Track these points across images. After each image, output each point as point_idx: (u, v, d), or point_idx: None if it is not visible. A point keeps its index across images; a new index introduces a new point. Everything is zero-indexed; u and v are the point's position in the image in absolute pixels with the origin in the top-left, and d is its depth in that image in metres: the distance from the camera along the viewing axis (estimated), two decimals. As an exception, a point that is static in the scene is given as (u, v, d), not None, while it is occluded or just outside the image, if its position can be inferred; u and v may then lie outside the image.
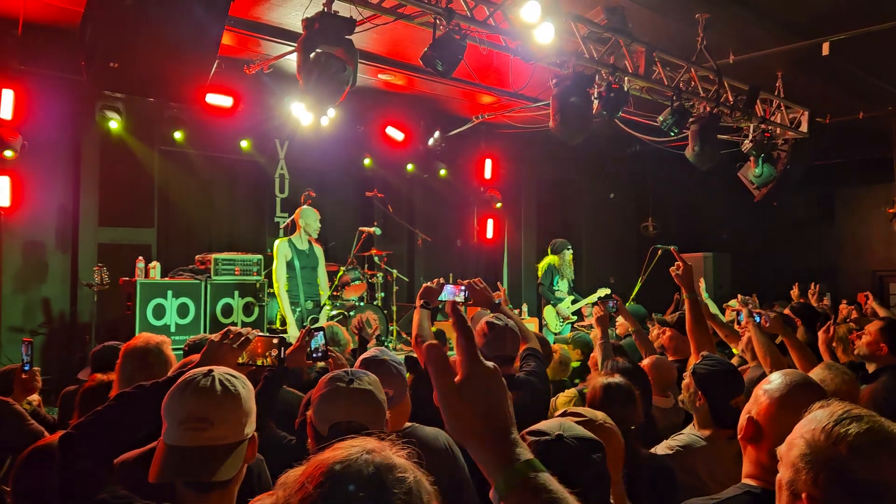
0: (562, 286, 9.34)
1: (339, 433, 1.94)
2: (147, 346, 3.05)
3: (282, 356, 2.46)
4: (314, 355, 2.90)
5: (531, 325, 9.47)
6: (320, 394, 2.04)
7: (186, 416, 1.70)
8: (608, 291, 9.28)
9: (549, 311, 9.37)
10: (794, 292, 7.68)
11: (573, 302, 9.36)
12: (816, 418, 1.33)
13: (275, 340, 2.47)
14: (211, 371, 1.77)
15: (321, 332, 2.92)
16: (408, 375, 3.78)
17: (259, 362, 2.45)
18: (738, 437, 1.87)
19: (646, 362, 4.01)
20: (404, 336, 8.59)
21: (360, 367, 2.53)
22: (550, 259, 9.43)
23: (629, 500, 2.14)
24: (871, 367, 4.02)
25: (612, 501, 1.66)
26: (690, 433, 3.06)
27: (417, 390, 3.55)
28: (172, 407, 1.73)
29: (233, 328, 2.34)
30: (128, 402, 2.17)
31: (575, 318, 9.32)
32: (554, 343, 6.21)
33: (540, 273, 9.51)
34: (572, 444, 1.55)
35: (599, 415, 2.11)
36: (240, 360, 2.32)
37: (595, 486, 1.55)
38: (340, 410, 1.99)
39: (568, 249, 9.43)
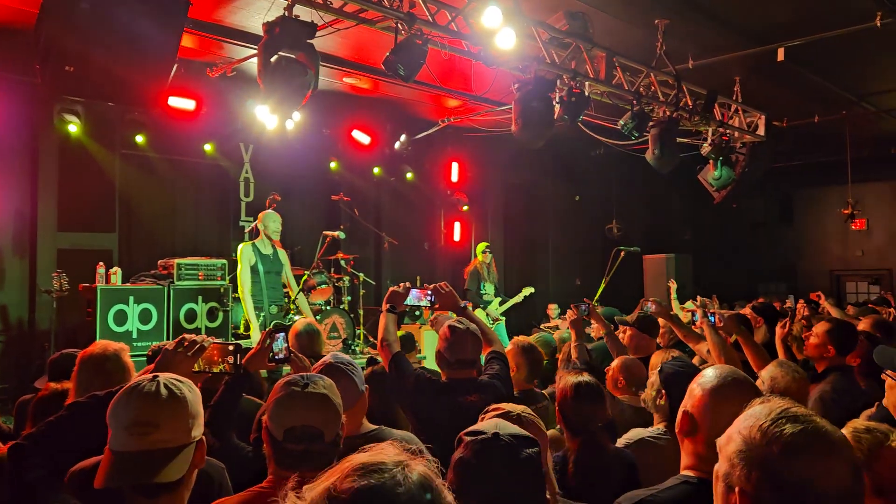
0: (488, 289, 9.48)
1: (294, 438, 1.96)
2: (105, 354, 3.01)
3: (238, 363, 2.46)
4: (276, 358, 2.88)
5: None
6: (275, 398, 2.04)
7: (131, 420, 1.70)
8: (532, 290, 9.54)
9: (479, 314, 9.44)
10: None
11: (501, 303, 9.48)
12: (755, 415, 1.36)
13: (230, 347, 2.46)
14: (156, 377, 1.78)
15: (282, 335, 2.91)
16: (367, 369, 3.80)
17: (215, 370, 2.44)
18: (676, 431, 1.93)
19: (615, 364, 4.08)
20: (371, 339, 8.58)
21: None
22: (474, 263, 9.59)
23: (597, 491, 2.18)
24: (819, 367, 4.10)
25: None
26: (646, 429, 3.13)
27: (377, 390, 3.57)
28: (117, 412, 1.73)
29: (187, 336, 2.34)
30: (80, 412, 2.15)
31: (504, 318, 9.45)
32: None
33: (466, 278, 9.63)
34: (508, 442, 1.60)
35: (518, 408, 2.16)
36: (195, 368, 2.32)
37: (531, 480, 1.59)
38: (296, 415, 1.98)
39: (486, 252, 9.57)
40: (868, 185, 13.28)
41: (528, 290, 9.67)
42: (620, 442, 3.09)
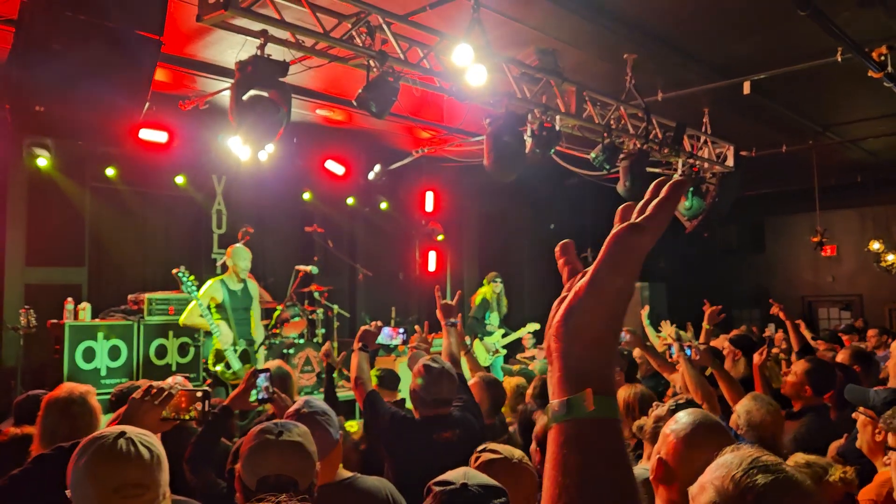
0: (493, 319, 9.38)
1: (268, 487, 1.94)
2: (71, 397, 2.97)
3: (206, 409, 2.44)
4: (259, 397, 2.87)
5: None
6: (249, 447, 2.02)
7: (121, 482, 1.68)
8: (538, 326, 9.41)
9: (478, 346, 9.35)
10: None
11: (504, 335, 9.40)
12: (726, 464, 1.38)
13: (198, 394, 2.44)
14: (124, 433, 1.76)
15: (266, 373, 2.91)
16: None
17: (184, 417, 2.42)
18: (651, 477, 1.93)
19: None
20: (345, 373, 8.50)
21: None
22: (483, 292, 9.48)
23: None
24: (796, 405, 4.12)
25: None
26: (644, 466, 3.13)
27: (369, 436, 3.55)
28: (99, 474, 1.70)
29: (155, 384, 2.32)
30: (46, 465, 2.10)
31: (505, 351, 9.35)
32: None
33: (473, 306, 9.53)
34: (476, 492, 1.60)
35: (517, 453, 2.16)
36: (164, 415, 2.29)
37: None
38: (269, 464, 1.97)
39: (496, 282, 9.49)
40: (836, 213, 13.55)
41: (532, 326, 9.50)
42: None
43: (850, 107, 9.42)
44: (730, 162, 9.48)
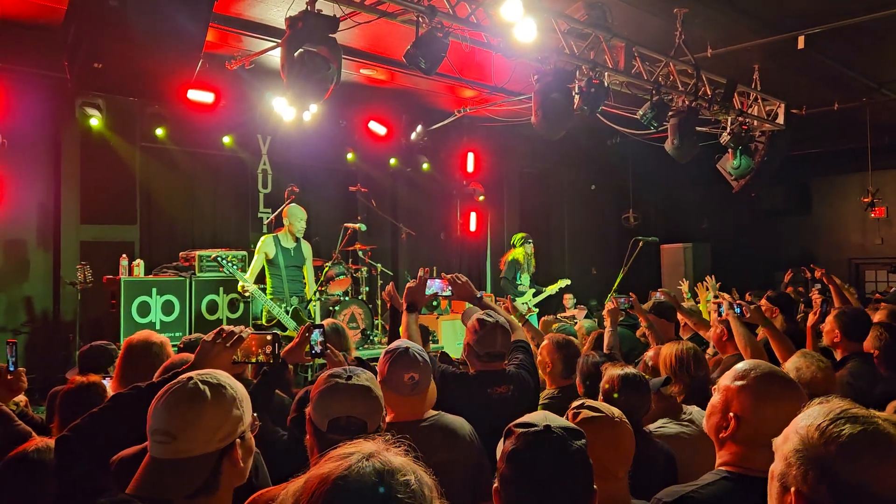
0: (524, 279, 9.46)
1: (339, 428, 2.01)
2: (149, 341, 3.21)
3: (276, 352, 2.49)
4: (313, 351, 2.94)
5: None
6: (319, 390, 2.08)
7: (153, 428, 1.71)
8: (568, 282, 9.52)
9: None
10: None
11: (535, 294, 9.46)
12: (813, 414, 1.33)
13: (268, 337, 2.49)
14: (190, 378, 1.77)
15: (320, 329, 2.96)
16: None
17: (253, 360, 2.48)
18: (708, 427, 1.95)
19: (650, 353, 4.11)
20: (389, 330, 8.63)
21: (387, 358, 2.66)
22: (514, 253, 9.53)
23: (642, 482, 2.20)
24: (838, 356, 4.15)
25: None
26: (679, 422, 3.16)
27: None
28: (150, 417, 1.74)
29: (226, 327, 2.33)
30: (124, 403, 2.16)
31: (537, 310, 9.41)
32: None
33: (503, 266, 9.62)
34: (558, 434, 1.63)
35: (616, 411, 2.16)
36: (234, 359, 2.33)
37: (581, 472, 1.63)
38: (339, 406, 2.02)
39: (529, 243, 9.55)
40: (889, 173, 13.17)
41: (563, 282, 9.58)
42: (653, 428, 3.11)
43: (909, 62, 9.09)
44: (780, 120, 9.25)
